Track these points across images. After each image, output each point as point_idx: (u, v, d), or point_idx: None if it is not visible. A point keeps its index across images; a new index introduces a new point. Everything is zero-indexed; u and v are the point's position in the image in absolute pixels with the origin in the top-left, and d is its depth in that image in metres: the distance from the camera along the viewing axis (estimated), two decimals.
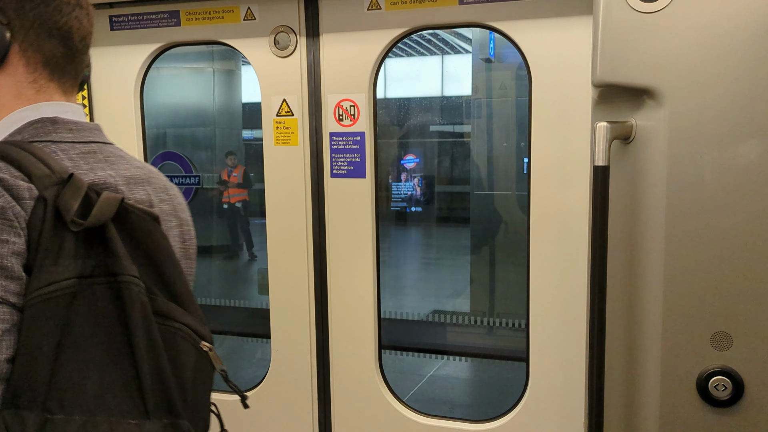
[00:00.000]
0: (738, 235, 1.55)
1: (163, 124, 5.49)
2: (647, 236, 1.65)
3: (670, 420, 1.65)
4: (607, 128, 1.59)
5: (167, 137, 5.72)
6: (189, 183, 4.97)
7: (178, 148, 5.67)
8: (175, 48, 2.52)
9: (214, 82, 6.40)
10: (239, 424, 2.56)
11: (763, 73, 1.50)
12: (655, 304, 1.64)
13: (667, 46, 1.57)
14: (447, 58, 10.61)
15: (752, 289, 1.55)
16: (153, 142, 5.71)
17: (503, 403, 2.52)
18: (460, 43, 9.22)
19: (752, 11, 1.50)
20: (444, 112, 7.99)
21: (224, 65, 6.37)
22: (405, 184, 6.66)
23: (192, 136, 6.20)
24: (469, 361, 4.70)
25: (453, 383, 4.73)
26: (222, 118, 6.49)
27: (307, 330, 2.45)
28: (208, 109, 6.39)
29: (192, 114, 6.12)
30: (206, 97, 6.35)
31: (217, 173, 6.33)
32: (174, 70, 5.70)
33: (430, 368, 4.72)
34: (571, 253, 2.09)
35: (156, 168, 1.26)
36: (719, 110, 1.54)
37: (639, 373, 1.70)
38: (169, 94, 5.77)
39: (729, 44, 1.52)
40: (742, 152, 1.53)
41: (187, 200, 1.31)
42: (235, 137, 6.89)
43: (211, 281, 5.39)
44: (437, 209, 7.36)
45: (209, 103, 6.37)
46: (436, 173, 7.64)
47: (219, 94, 6.47)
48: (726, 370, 1.59)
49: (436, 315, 4.30)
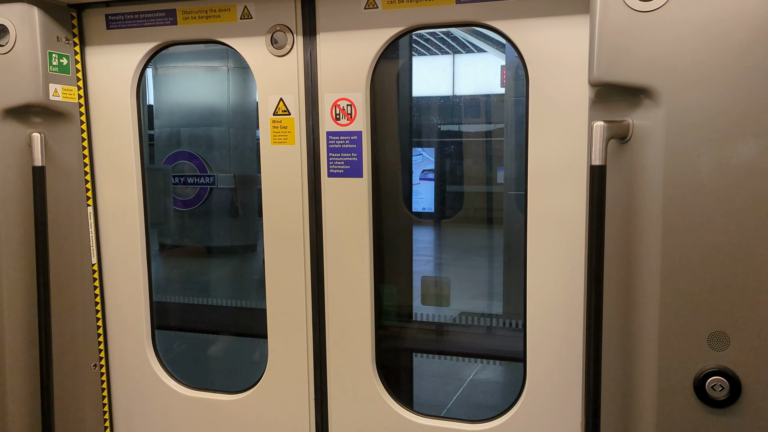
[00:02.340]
0: (735, 234, 1.55)
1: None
2: (644, 236, 1.65)
3: (667, 420, 1.65)
4: (604, 127, 1.59)
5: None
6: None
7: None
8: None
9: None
10: (237, 424, 2.56)
11: (759, 72, 1.50)
12: (652, 303, 1.64)
13: (664, 46, 1.57)
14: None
15: (749, 288, 1.55)
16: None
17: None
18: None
19: (748, 10, 1.50)
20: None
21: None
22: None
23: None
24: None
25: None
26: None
27: (304, 329, 2.45)
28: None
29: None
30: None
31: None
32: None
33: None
34: (568, 252, 2.08)
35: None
36: (716, 109, 1.54)
37: (636, 373, 1.70)
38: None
39: (725, 43, 1.52)
40: (738, 151, 1.53)
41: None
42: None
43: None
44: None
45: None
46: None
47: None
48: (723, 370, 1.58)
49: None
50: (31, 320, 2.37)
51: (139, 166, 2.58)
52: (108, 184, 2.60)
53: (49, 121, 2.40)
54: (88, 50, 2.54)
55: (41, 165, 2.27)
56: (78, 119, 2.51)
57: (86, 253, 2.58)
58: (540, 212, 2.11)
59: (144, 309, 2.63)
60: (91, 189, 2.58)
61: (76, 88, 2.48)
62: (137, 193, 2.58)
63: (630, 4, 1.58)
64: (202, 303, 4.25)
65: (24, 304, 2.39)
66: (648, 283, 1.65)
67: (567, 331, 2.11)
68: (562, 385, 2.14)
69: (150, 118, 5.49)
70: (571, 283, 2.08)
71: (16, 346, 2.39)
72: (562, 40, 2.02)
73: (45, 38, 2.32)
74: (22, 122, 2.36)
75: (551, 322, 2.13)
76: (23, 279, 2.38)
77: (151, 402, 2.67)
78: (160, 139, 5.75)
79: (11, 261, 2.36)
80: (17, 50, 2.29)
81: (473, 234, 7.13)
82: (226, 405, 2.56)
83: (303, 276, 2.42)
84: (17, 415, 2.40)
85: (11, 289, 2.37)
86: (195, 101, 6.01)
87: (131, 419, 2.71)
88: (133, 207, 2.58)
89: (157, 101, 5.71)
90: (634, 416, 1.72)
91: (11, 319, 2.37)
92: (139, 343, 2.65)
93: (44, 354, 2.29)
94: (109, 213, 2.61)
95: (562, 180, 2.07)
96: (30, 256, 2.34)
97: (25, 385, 2.40)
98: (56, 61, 2.38)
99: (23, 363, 2.40)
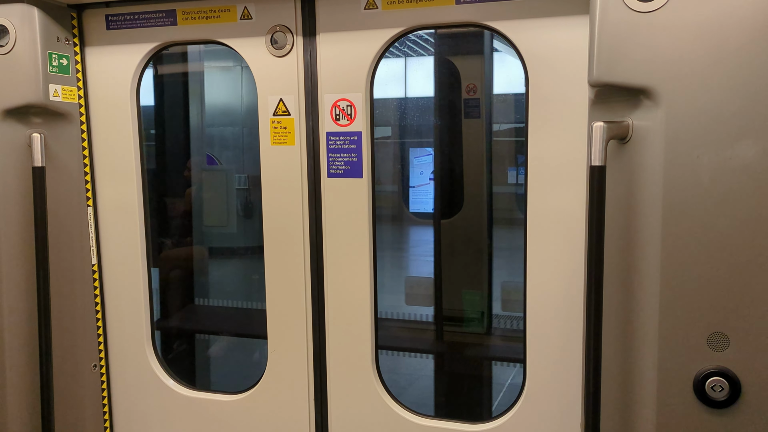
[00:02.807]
0: (735, 235, 1.55)
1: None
2: (644, 236, 1.65)
3: (666, 421, 1.65)
4: (603, 128, 1.59)
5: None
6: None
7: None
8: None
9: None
10: (237, 424, 2.56)
11: (759, 72, 1.50)
12: (651, 304, 1.64)
13: (663, 46, 1.57)
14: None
15: (749, 289, 1.55)
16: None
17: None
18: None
19: (748, 10, 1.50)
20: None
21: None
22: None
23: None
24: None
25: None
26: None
27: (304, 330, 2.45)
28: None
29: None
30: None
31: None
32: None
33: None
34: (568, 253, 2.08)
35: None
36: (716, 110, 1.54)
37: (636, 373, 1.70)
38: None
39: (725, 44, 1.52)
40: (738, 152, 1.53)
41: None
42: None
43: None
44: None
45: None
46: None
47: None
48: (723, 371, 1.58)
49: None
50: (30, 320, 2.37)
51: (139, 166, 2.58)
52: (108, 184, 2.60)
53: (49, 121, 2.41)
54: (88, 51, 2.54)
55: (41, 165, 2.27)
56: (78, 120, 2.51)
57: (86, 254, 2.58)
58: (540, 213, 2.11)
59: (144, 309, 2.63)
60: (91, 189, 2.58)
61: (76, 89, 2.48)
62: (137, 194, 2.58)
63: (630, 5, 1.58)
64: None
65: (24, 305, 2.39)
66: (648, 283, 1.65)
67: (567, 332, 2.11)
68: (562, 386, 2.14)
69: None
70: (571, 283, 2.08)
71: (15, 346, 2.39)
72: (561, 41, 2.01)
73: (45, 39, 2.32)
74: (22, 122, 2.36)
75: (551, 322, 2.13)
76: (23, 279, 2.38)
77: (151, 402, 2.67)
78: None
79: (11, 261, 2.36)
80: (17, 51, 2.29)
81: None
82: (226, 405, 2.56)
83: (303, 276, 2.42)
84: (17, 415, 2.40)
85: (11, 290, 2.37)
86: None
87: (131, 419, 2.71)
88: (133, 207, 2.58)
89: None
90: (633, 417, 1.72)
91: (11, 320, 2.37)
92: (139, 343, 2.65)
93: (44, 354, 2.29)
94: (109, 213, 2.61)
95: (561, 181, 2.07)
96: (30, 256, 2.34)
97: (25, 385, 2.40)
98: (56, 61, 2.38)
99: (23, 363, 2.40)
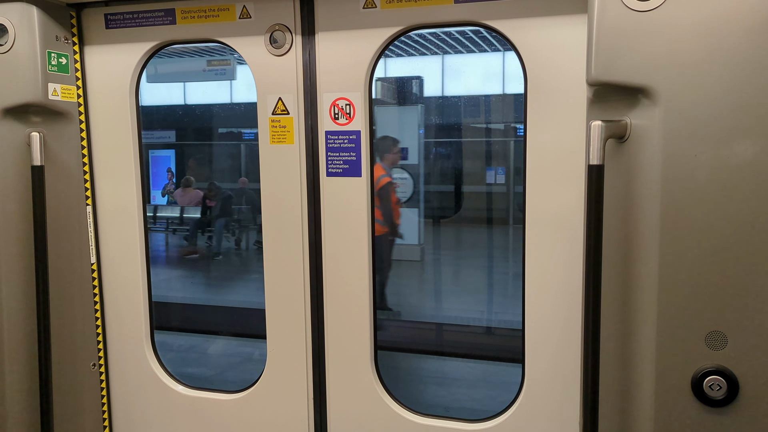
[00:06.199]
0: (732, 233, 1.55)
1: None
2: (642, 235, 1.65)
3: (664, 419, 1.65)
4: (601, 127, 1.59)
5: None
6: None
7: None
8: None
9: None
10: (236, 423, 2.56)
11: (757, 71, 1.50)
12: (649, 302, 1.64)
13: (661, 45, 1.57)
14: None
15: (747, 287, 1.55)
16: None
17: None
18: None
19: (746, 10, 1.50)
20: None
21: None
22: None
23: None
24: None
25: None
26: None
27: (303, 329, 2.45)
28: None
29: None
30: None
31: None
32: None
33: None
34: (566, 251, 2.08)
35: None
36: (714, 109, 1.54)
37: (634, 372, 1.70)
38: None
39: (723, 43, 1.52)
40: (736, 151, 1.53)
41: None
42: None
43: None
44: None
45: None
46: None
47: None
48: (721, 370, 1.59)
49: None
50: (30, 320, 2.37)
51: (138, 165, 2.58)
52: (107, 183, 2.60)
53: (49, 120, 2.41)
54: (87, 50, 2.54)
55: (40, 164, 2.28)
56: (77, 119, 2.51)
57: (85, 253, 2.58)
58: (538, 212, 2.11)
59: (143, 309, 2.64)
60: (90, 188, 2.58)
61: (75, 88, 2.48)
62: (136, 193, 2.59)
63: (627, 4, 1.58)
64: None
65: (23, 304, 2.39)
66: (646, 282, 1.65)
67: (565, 331, 2.11)
68: (560, 385, 2.14)
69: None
70: (570, 282, 2.08)
71: (15, 345, 2.39)
72: (559, 40, 2.02)
73: (44, 38, 2.32)
74: (21, 122, 2.36)
75: (550, 321, 2.13)
76: (22, 278, 2.38)
77: (150, 401, 2.67)
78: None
79: (10, 260, 2.37)
80: (16, 50, 2.29)
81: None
82: (225, 404, 2.56)
83: (302, 275, 2.42)
84: (17, 414, 2.40)
85: (10, 289, 2.37)
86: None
87: (130, 418, 2.71)
88: (132, 206, 2.59)
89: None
90: (631, 415, 1.72)
91: (10, 319, 2.38)
92: (138, 342, 2.65)
93: (43, 353, 2.29)
94: (109, 212, 2.61)
95: (559, 179, 2.07)
96: (29, 255, 2.35)
97: (25, 384, 2.40)
98: (55, 60, 2.38)
99: (22, 362, 2.40)
